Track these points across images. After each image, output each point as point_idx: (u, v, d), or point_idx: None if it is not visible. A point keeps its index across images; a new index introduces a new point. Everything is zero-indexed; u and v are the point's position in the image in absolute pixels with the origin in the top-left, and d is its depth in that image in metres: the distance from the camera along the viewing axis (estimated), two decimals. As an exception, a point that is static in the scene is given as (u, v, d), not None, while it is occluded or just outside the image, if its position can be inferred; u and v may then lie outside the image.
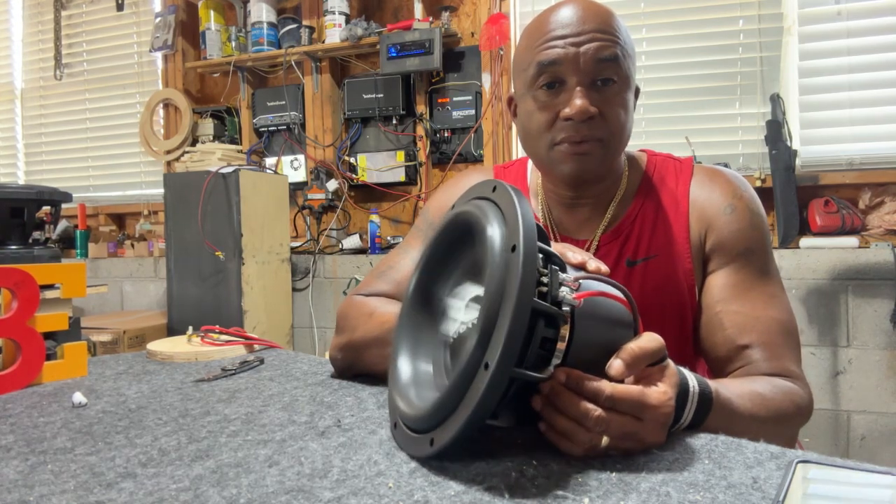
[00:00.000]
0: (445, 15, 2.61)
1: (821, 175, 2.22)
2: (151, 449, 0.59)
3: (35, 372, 0.87)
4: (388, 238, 2.78)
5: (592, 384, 0.52)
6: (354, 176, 2.79)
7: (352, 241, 2.80)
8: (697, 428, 0.59)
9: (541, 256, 0.51)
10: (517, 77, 0.89)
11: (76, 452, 0.58)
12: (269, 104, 2.96)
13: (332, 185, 2.82)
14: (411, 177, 2.72)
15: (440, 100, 2.69)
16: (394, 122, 2.76)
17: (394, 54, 2.57)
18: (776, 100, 2.25)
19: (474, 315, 0.57)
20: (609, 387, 0.52)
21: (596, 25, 0.80)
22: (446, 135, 2.71)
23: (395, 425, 0.59)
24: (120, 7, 3.36)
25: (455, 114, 2.67)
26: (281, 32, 2.86)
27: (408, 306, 0.65)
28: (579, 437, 0.52)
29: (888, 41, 2.19)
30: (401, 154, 2.71)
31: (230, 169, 2.41)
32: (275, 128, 2.97)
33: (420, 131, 2.71)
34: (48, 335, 0.90)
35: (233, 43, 2.92)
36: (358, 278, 2.67)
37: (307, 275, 2.79)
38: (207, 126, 3.02)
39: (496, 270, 0.50)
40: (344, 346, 0.85)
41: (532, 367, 0.50)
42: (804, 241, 2.16)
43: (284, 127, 2.95)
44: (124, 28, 3.40)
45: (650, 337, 0.55)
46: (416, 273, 0.66)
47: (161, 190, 2.63)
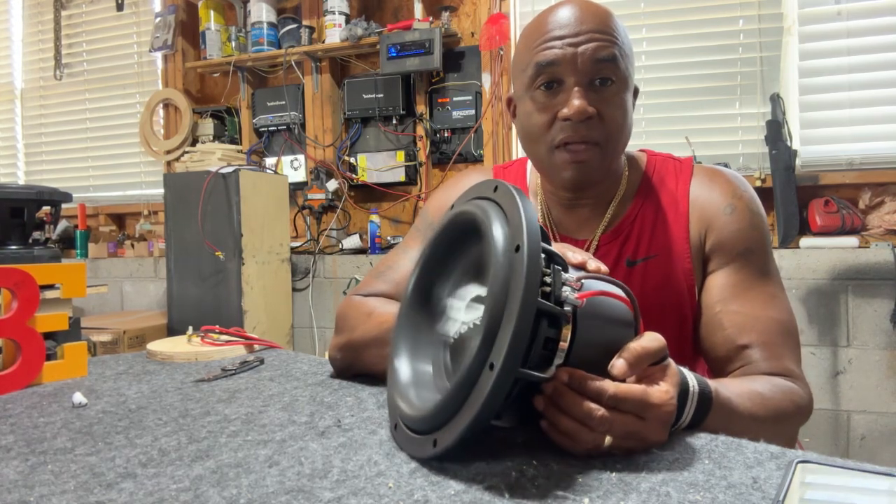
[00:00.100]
0: (445, 15, 2.61)
1: (821, 175, 2.22)
2: (151, 449, 0.59)
3: (35, 372, 0.87)
4: (388, 238, 2.78)
5: (595, 384, 0.52)
6: (354, 176, 2.79)
7: (352, 242, 2.80)
8: (697, 427, 0.59)
9: (543, 256, 0.51)
10: (516, 78, 0.89)
11: (76, 453, 0.58)
12: (269, 104, 2.96)
13: (332, 185, 2.82)
14: (411, 177, 2.72)
15: (440, 100, 2.69)
16: (394, 122, 2.76)
17: (394, 54, 2.57)
18: (776, 100, 2.25)
19: (475, 315, 0.57)
20: (612, 386, 0.52)
21: (594, 26, 0.80)
22: (446, 135, 2.71)
23: (396, 426, 0.58)
24: (120, 7, 3.36)
25: (455, 114, 2.67)
26: (281, 32, 2.86)
27: (407, 306, 0.65)
28: (583, 437, 0.52)
29: (888, 41, 2.19)
30: (401, 154, 2.71)
31: (230, 169, 2.41)
32: (275, 128, 2.97)
33: (420, 131, 2.71)
34: (48, 335, 0.90)
35: (233, 43, 2.92)
36: (358, 278, 2.67)
37: (307, 275, 2.79)
38: (207, 126, 3.02)
39: (500, 270, 0.50)
40: (343, 346, 0.85)
41: (535, 367, 0.50)
42: (804, 241, 2.16)
43: (284, 127, 2.95)
44: (124, 28, 3.40)
45: (652, 336, 0.55)
46: (416, 273, 0.65)
47: (161, 190, 2.63)
